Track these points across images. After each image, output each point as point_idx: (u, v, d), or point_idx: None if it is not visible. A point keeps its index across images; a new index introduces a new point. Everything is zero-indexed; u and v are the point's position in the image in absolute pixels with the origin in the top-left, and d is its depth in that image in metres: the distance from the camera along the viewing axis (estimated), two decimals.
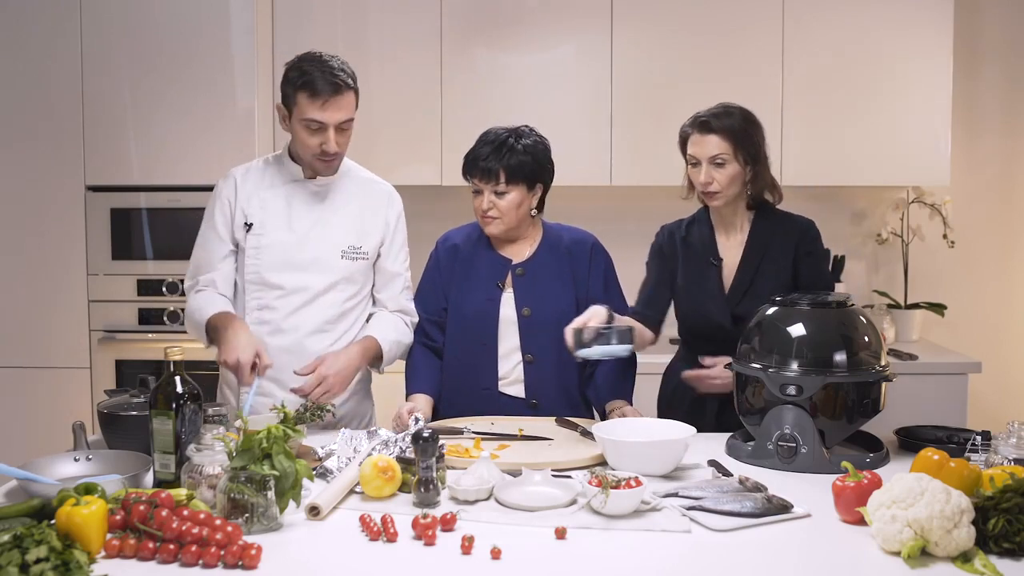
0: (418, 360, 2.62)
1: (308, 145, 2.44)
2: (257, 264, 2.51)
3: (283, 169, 2.56)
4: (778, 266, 2.53)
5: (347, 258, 2.54)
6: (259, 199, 2.53)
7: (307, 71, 2.38)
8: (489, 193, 2.53)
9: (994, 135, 4.24)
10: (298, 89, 2.39)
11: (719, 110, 2.53)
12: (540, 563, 1.61)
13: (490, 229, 2.57)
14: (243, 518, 1.70)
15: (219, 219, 2.54)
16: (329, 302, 2.53)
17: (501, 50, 3.94)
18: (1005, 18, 4.20)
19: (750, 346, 2.24)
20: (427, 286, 2.67)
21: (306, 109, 2.38)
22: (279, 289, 2.50)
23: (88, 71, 3.75)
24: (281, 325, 2.50)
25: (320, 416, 2.26)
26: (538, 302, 2.56)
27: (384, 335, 2.55)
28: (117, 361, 3.78)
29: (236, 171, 2.59)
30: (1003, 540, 1.60)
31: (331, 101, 2.38)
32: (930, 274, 4.22)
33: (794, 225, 2.58)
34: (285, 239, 2.51)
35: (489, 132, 2.59)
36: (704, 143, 2.49)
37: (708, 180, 2.49)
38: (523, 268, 2.58)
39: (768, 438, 2.14)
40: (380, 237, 2.59)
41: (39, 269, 3.80)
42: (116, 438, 2.17)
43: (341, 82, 2.38)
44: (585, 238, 2.66)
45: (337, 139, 2.42)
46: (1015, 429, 1.97)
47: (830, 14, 3.87)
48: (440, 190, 4.04)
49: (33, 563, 1.45)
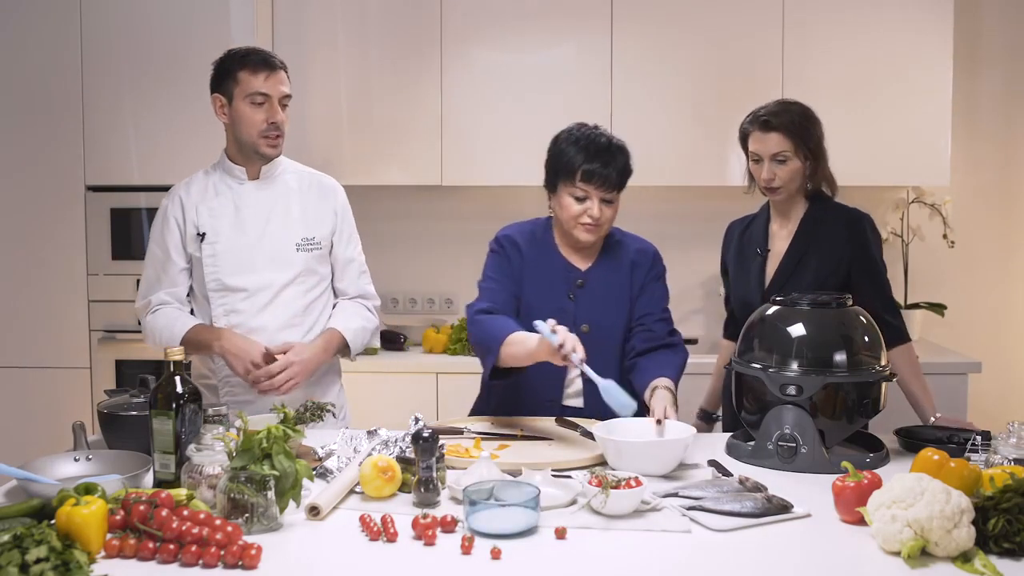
0: (497, 318, 2.42)
1: (254, 121, 2.50)
2: (216, 271, 2.54)
3: (224, 174, 2.60)
4: (823, 256, 2.56)
5: (303, 250, 2.58)
6: (207, 208, 2.57)
7: (242, 53, 2.53)
8: (599, 201, 2.42)
9: (994, 135, 4.24)
10: (239, 69, 2.49)
11: (778, 108, 2.58)
12: (540, 563, 1.61)
13: (588, 237, 2.46)
14: (243, 518, 1.70)
15: (168, 238, 2.57)
16: (292, 296, 2.57)
17: (501, 50, 3.94)
18: (1005, 19, 4.20)
19: (750, 346, 2.24)
20: (496, 282, 2.51)
21: (250, 84, 2.48)
22: (242, 291, 2.54)
23: (88, 71, 3.75)
24: (250, 325, 2.53)
25: (320, 416, 2.26)
26: (596, 317, 2.47)
27: (346, 324, 2.60)
28: (117, 361, 3.78)
29: (178, 187, 2.63)
30: (1003, 540, 1.60)
31: (271, 75, 2.50)
32: (930, 274, 4.21)
33: (845, 214, 2.62)
34: (239, 241, 2.55)
35: (596, 136, 2.45)
36: (766, 140, 2.55)
37: (771, 176, 2.55)
38: (583, 279, 2.50)
39: (768, 438, 2.14)
40: (331, 226, 2.63)
41: (39, 269, 3.80)
42: (116, 438, 2.17)
43: (275, 60, 2.53)
44: (647, 247, 2.60)
45: (280, 113, 2.52)
46: (1015, 429, 1.97)
47: (830, 15, 3.87)
48: (440, 190, 4.04)
49: (33, 563, 1.45)
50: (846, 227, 2.59)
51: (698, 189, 4.03)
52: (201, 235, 2.55)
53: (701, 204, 4.07)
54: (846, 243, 2.57)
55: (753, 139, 2.58)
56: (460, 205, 4.27)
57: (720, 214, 2.84)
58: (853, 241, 2.57)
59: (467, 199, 4.24)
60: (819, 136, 2.59)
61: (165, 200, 2.62)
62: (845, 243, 2.57)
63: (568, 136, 2.47)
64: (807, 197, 2.64)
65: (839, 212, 2.63)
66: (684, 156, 3.88)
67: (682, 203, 4.15)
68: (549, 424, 2.42)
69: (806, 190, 2.63)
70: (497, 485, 1.80)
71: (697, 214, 4.10)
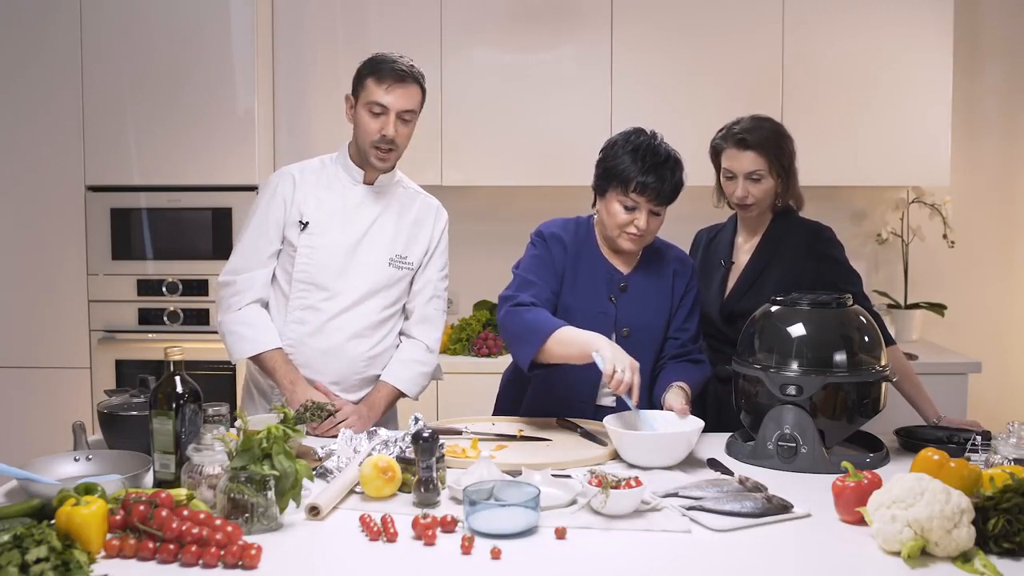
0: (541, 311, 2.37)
1: (369, 130, 2.46)
2: (308, 264, 2.51)
3: (341, 171, 2.58)
4: (785, 268, 2.56)
5: (393, 266, 2.55)
6: (316, 199, 2.54)
7: (378, 60, 2.48)
8: (647, 212, 2.39)
9: (994, 135, 4.24)
10: (367, 75, 2.46)
11: (753, 125, 2.56)
12: (540, 563, 1.61)
13: (631, 246, 2.43)
14: (243, 518, 1.70)
15: (272, 216, 2.53)
16: (370, 308, 2.54)
17: (501, 50, 3.94)
18: (1005, 18, 4.20)
19: (750, 346, 2.24)
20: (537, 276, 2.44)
21: (372, 92, 2.44)
22: (326, 291, 2.51)
23: (88, 71, 3.75)
24: (324, 327, 2.52)
25: (320, 416, 2.27)
26: (636, 320, 2.46)
27: (397, 377, 2.56)
28: (117, 361, 3.78)
29: (292, 169, 2.59)
30: (1003, 540, 1.60)
31: (395, 87, 2.44)
32: (930, 274, 4.22)
33: (806, 228, 2.62)
34: (339, 241, 2.52)
35: (655, 147, 2.40)
36: (741, 159, 2.54)
37: (744, 194, 2.55)
38: (626, 283, 2.48)
39: (768, 438, 2.14)
40: (425, 247, 2.61)
41: (39, 269, 3.80)
42: (116, 438, 2.17)
43: (407, 72, 2.46)
44: (685, 256, 2.61)
45: (397, 127, 2.46)
46: (1015, 429, 1.97)
47: (830, 14, 3.87)
48: (440, 190, 4.03)
49: (33, 563, 1.45)
50: (807, 241, 2.58)
51: (698, 189, 4.02)
52: (304, 224, 2.51)
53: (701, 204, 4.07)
54: (808, 256, 2.56)
55: (727, 156, 2.57)
56: (460, 205, 4.25)
57: (720, 214, 2.84)
58: (818, 254, 2.57)
59: (467, 199, 4.24)
60: (792, 153, 2.58)
61: (275, 177, 2.59)
62: (807, 256, 2.56)
63: (625, 143, 2.42)
64: (773, 211, 2.63)
65: (800, 226, 2.62)
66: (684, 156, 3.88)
67: (682, 203, 4.14)
68: (549, 424, 2.42)
69: (775, 206, 2.62)
70: (497, 485, 1.80)
71: (697, 214, 4.10)
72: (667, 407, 2.26)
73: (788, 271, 2.55)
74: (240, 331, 2.50)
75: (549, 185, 3.99)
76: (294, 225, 2.52)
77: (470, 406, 3.00)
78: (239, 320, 2.51)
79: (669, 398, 2.29)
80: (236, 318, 2.51)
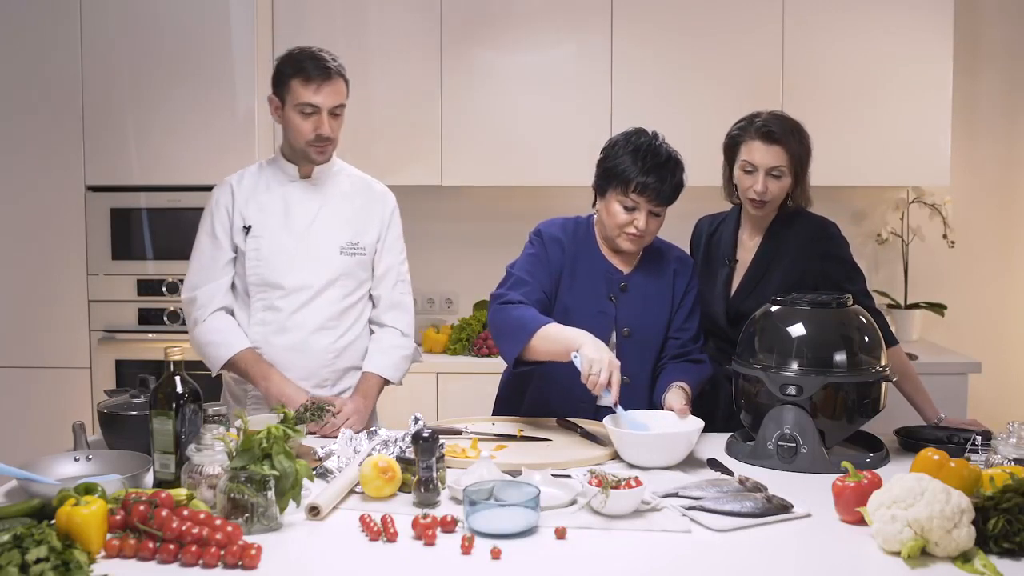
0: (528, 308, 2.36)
1: (302, 131, 2.48)
2: (258, 265, 2.53)
3: (278, 171, 2.60)
4: (788, 267, 2.53)
5: (346, 254, 2.57)
6: (256, 202, 2.57)
7: (299, 59, 2.48)
8: (647, 212, 2.39)
9: (994, 135, 4.24)
10: (291, 76, 2.46)
11: (777, 119, 2.50)
12: (540, 563, 1.61)
13: (630, 247, 2.44)
14: (243, 518, 1.70)
15: (218, 227, 2.56)
16: (331, 299, 2.56)
17: (501, 50, 3.94)
18: (1005, 19, 4.20)
19: (750, 346, 2.24)
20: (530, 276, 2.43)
21: (300, 94, 2.45)
22: (280, 288, 2.53)
23: (88, 71, 3.75)
24: (285, 324, 2.53)
25: (320, 416, 2.27)
26: (638, 321, 2.46)
27: (380, 365, 2.58)
28: (117, 361, 3.78)
29: (231, 178, 2.62)
30: (1003, 540, 1.60)
31: (324, 85, 2.45)
32: (930, 274, 4.22)
33: (811, 224, 2.58)
34: (284, 239, 2.54)
35: (655, 148, 2.40)
36: (767, 153, 2.48)
37: (763, 189, 2.49)
38: (626, 283, 2.49)
39: (768, 438, 2.14)
40: (376, 233, 2.62)
41: (39, 269, 3.79)
42: (116, 438, 2.17)
43: (332, 68, 2.47)
44: (685, 256, 2.61)
45: (330, 123, 2.48)
46: (1015, 429, 1.97)
47: (830, 14, 3.87)
48: (440, 190, 4.04)
49: (33, 563, 1.45)
50: (812, 237, 2.54)
51: (698, 189, 4.02)
52: (247, 228, 2.54)
53: (701, 204, 4.07)
54: (812, 254, 2.53)
55: (749, 148, 2.50)
56: (460, 205, 4.27)
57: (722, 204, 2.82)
58: (823, 251, 2.54)
59: (467, 199, 4.24)
60: (810, 153, 2.54)
61: (217, 189, 2.62)
62: (811, 254, 2.53)
63: (626, 144, 2.42)
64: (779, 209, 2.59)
65: (805, 222, 2.58)
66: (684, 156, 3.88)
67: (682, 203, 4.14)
68: (549, 424, 2.42)
69: (784, 205, 2.58)
70: (497, 485, 1.80)
71: (697, 214, 4.10)
72: (667, 407, 2.27)
73: (793, 270, 2.53)
74: (211, 339, 2.52)
75: (549, 185, 3.99)
76: (239, 231, 2.55)
77: (470, 406, 3.00)
78: (207, 330, 2.53)
79: (669, 398, 2.30)
80: (204, 329, 2.53)
